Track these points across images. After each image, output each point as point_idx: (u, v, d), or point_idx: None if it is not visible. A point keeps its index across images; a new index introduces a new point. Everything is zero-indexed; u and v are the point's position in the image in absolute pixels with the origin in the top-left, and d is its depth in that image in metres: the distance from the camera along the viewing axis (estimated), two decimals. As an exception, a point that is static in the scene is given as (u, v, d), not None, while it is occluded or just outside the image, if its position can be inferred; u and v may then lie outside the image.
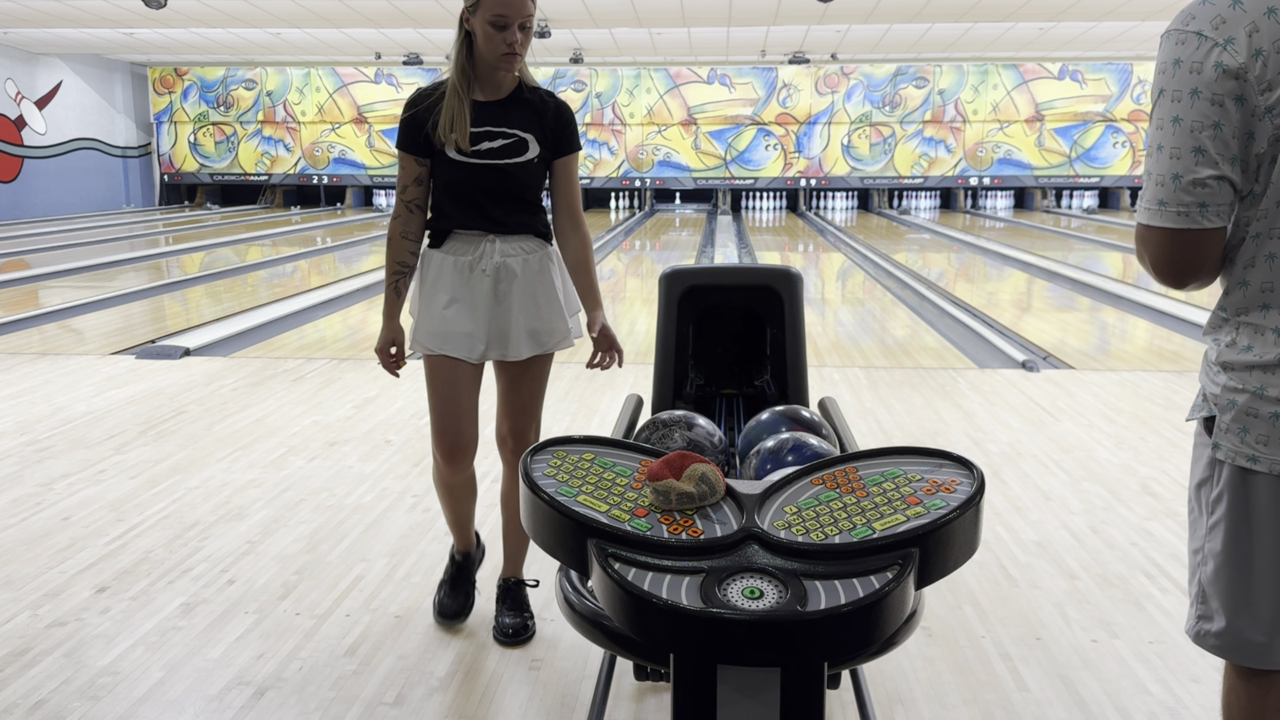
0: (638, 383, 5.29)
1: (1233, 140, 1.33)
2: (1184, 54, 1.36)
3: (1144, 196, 1.42)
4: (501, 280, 2.53)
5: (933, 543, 1.14)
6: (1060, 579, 3.04)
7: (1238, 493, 1.46)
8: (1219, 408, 1.47)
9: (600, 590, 1.14)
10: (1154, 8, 13.53)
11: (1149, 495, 3.76)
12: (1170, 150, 1.36)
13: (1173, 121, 1.36)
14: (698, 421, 2.01)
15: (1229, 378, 1.46)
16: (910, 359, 6.35)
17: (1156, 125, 1.40)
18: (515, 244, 2.55)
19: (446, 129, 2.47)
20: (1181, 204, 1.36)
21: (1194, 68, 1.34)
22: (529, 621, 2.69)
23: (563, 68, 20.68)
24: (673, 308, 2.77)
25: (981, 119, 20.87)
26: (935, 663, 2.56)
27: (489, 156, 2.49)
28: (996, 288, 10.10)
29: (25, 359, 6.25)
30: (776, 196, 21.54)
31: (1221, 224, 1.38)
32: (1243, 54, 1.31)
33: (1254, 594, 1.47)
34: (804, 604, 1.04)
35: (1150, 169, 1.40)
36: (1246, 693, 1.53)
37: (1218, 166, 1.34)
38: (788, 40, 17.12)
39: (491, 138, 2.50)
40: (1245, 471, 1.45)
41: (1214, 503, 1.49)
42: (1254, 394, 1.42)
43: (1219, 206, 1.36)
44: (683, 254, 13.23)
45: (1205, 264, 1.41)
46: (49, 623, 2.77)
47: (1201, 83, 1.33)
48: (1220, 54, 1.32)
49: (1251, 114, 1.32)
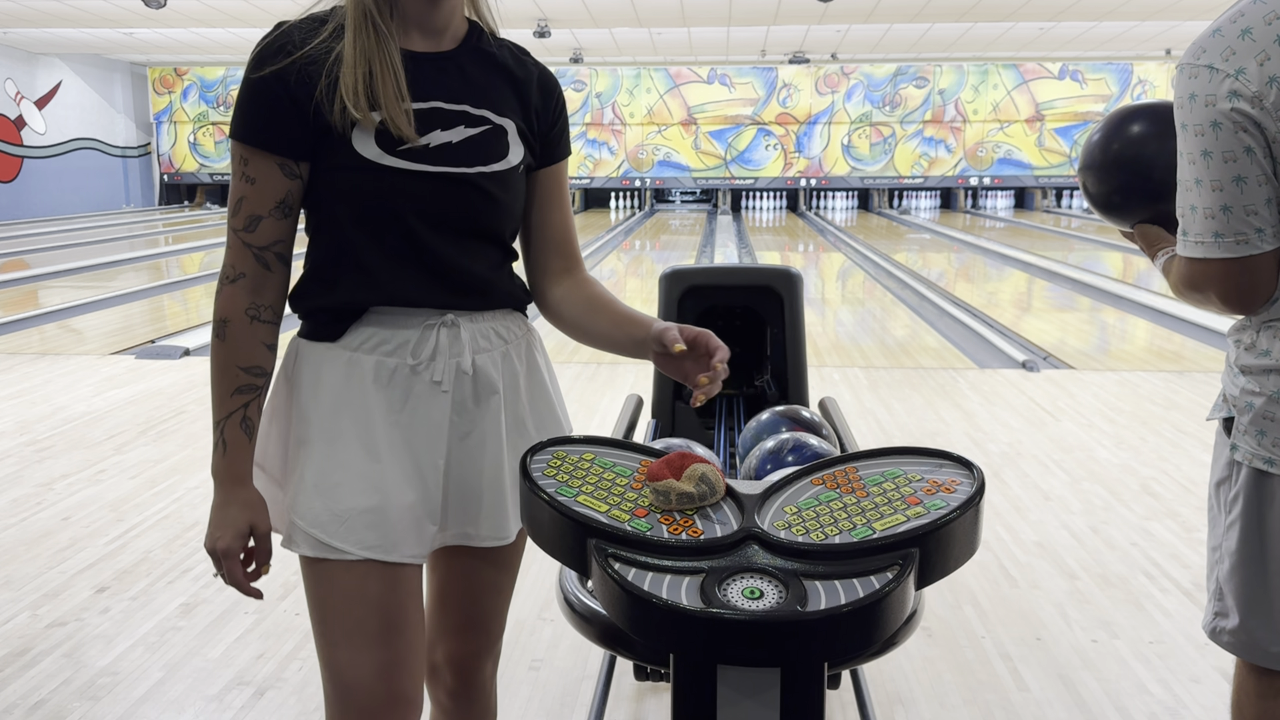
0: (638, 383, 5.29)
1: (1265, 161, 1.35)
2: (1198, 88, 1.37)
3: (1193, 230, 1.42)
4: (470, 399, 1.42)
5: (933, 543, 1.13)
6: (1060, 579, 3.04)
7: (1253, 494, 1.47)
8: (1238, 409, 1.49)
9: (600, 590, 1.13)
10: (1154, 8, 13.54)
11: (1149, 495, 3.76)
12: (1210, 183, 1.38)
13: (1203, 155, 1.38)
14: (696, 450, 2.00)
15: (1247, 380, 1.47)
16: (910, 359, 6.35)
17: (1188, 160, 1.41)
18: (490, 327, 1.44)
19: (362, 95, 1.31)
20: (1239, 232, 1.38)
21: (1209, 100, 1.36)
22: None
23: (563, 67, 20.68)
24: (673, 308, 2.77)
25: (982, 119, 20.87)
26: (935, 663, 2.56)
27: (447, 159, 1.36)
28: (996, 288, 10.10)
29: (25, 359, 6.25)
30: (776, 196, 21.53)
31: (1277, 243, 1.39)
32: (1255, 83, 1.33)
33: (1269, 595, 1.48)
34: (804, 604, 1.04)
35: (1194, 203, 1.41)
36: (1258, 692, 1.54)
37: (1261, 188, 1.36)
38: (788, 40, 17.12)
39: (446, 121, 1.37)
40: (1261, 474, 1.46)
41: (1231, 502, 1.51)
42: (1270, 398, 1.44)
43: (1273, 227, 1.38)
44: (683, 254, 13.22)
45: (1268, 283, 1.42)
46: (49, 623, 2.77)
47: (1220, 114, 1.35)
48: (1233, 84, 1.34)
49: (1272, 140, 1.34)
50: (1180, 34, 16.28)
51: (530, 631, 2.70)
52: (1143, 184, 1.59)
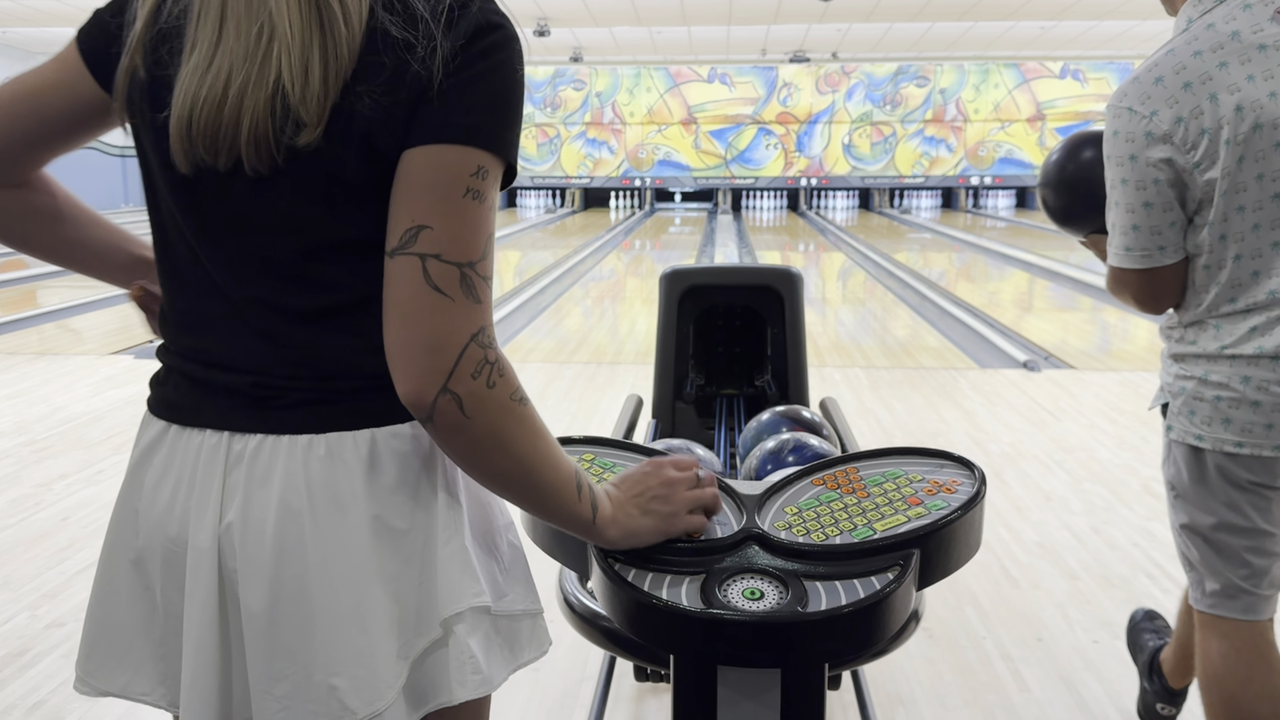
0: (638, 383, 5.28)
1: (1172, 190, 1.62)
2: (1120, 125, 1.64)
3: (1113, 244, 1.71)
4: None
5: (934, 543, 1.13)
6: (1061, 579, 3.04)
7: (1190, 468, 1.72)
8: (1171, 394, 1.74)
9: (600, 590, 1.13)
10: (1155, 7, 13.48)
11: (1150, 495, 3.76)
12: (1125, 205, 1.65)
13: (1121, 182, 1.65)
14: (697, 451, 2.00)
15: (1179, 368, 1.73)
16: (911, 359, 6.34)
17: (1110, 184, 1.68)
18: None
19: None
20: (1145, 248, 1.66)
21: (1129, 137, 1.62)
22: None
23: (562, 66, 20.68)
24: (673, 308, 2.77)
25: (983, 118, 20.87)
26: (936, 664, 2.55)
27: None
28: (998, 287, 10.10)
29: (24, 359, 6.24)
30: (777, 196, 21.53)
31: (1180, 258, 1.66)
32: (1166, 123, 1.59)
33: (1215, 554, 1.72)
34: (804, 605, 1.04)
35: (1114, 221, 1.69)
36: (1219, 651, 1.75)
37: (1166, 214, 1.63)
38: (788, 39, 17.12)
39: None
40: (1193, 449, 1.70)
41: (1173, 479, 1.77)
42: (1199, 380, 1.68)
43: (1174, 246, 1.65)
44: (683, 254, 13.22)
45: (1173, 291, 1.70)
46: (48, 623, 2.76)
47: (1137, 148, 1.62)
48: (1148, 124, 1.61)
49: (1181, 170, 1.60)
50: (1181, 33, 16.25)
51: (530, 632, 2.70)
52: (1093, 201, 1.80)
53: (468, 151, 0.94)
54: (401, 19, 0.94)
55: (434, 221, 0.93)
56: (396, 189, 0.95)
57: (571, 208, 21.42)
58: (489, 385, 0.95)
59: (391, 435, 1.01)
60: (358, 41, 0.93)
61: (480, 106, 0.95)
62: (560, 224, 18.14)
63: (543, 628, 1.16)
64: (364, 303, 0.98)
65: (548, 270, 10.99)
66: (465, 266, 0.93)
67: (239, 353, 1.01)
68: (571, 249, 13.38)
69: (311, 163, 0.95)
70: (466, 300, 0.94)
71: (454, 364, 0.93)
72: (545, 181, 21.58)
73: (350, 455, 0.99)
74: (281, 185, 0.96)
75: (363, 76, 0.94)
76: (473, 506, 1.09)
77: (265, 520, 0.98)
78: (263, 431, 1.00)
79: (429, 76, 0.93)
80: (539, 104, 21.24)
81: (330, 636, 0.98)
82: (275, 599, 0.98)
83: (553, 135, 21.40)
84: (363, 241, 0.97)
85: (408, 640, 1.02)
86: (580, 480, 1.06)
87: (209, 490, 1.01)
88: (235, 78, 0.94)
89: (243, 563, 0.99)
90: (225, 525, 0.99)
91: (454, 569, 1.04)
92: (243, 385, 1.01)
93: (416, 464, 1.02)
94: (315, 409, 1.00)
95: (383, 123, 0.94)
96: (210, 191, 0.98)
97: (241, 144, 0.95)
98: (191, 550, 1.01)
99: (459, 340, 0.93)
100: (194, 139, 0.95)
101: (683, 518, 1.13)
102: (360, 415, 1.00)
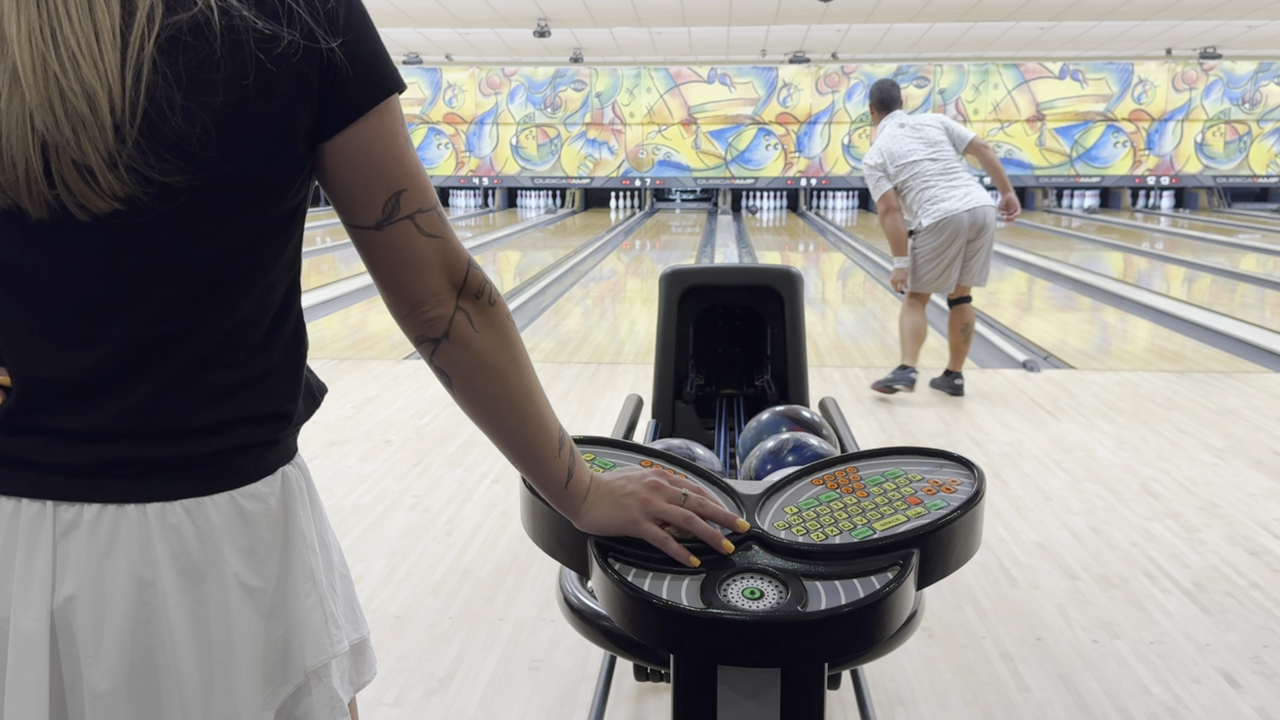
0: (638, 383, 5.29)
1: (890, 166, 5.11)
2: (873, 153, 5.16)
3: (873, 188, 5.15)
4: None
5: (933, 543, 1.13)
6: (1061, 579, 3.04)
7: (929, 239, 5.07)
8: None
9: (600, 590, 1.13)
10: (1154, 7, 13.54)
11: (1150, 495, 3.76)
12: (875, 181, 5.16)
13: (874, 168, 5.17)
14: (696, 451, 2.00)
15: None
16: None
17: (868, 169, 5.14)
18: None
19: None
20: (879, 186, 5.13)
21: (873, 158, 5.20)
22: None
23: (563, 67, 20.68)
24: (673, 308, 2.77)
25: (982, 118, 20.86)
26: (936, 663, 2.55)
27: None
28: (997, 287, 10.09)
29: None
30: (777, 196, 21.53)
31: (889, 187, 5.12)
32: (878, 156, 5.11)
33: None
34: (804, 604, 1.04)
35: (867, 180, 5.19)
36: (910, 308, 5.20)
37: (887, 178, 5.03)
38: (788, 40, 17.11)
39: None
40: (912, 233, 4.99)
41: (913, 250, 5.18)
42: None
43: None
44: (683, 254, 13.22)
45: (895, 205, 5.13)
46: (48, 623, 2.76)
47: (875, 165, 5.18)
48: (877, 156, 5.10)
49: (890, 177, 5.13)
50: (1181, 33, 16.28)
51: (530, 632, 2.70)
52: None
53: (388, 104, 0.96)
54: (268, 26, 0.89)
55: (404, 183, 0.97)
56: (349, 172, 0.95)
57: (571, 208, 21.41)
58: (490, 303, 1.03)
59: (251, 496, 0.97)
60: None
61: (371, 59, 0.94)
62: (560, 224, 18.14)
63: (371, 647, 1.15)
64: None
65: (548, 270, 11.00)
66: (436, 205, 1.00)
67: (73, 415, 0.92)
68: (571, 249, 13.37)
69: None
70: (450, 232, 1.01)
71: (462, 285, 1.01)
72: (545, 182, 21.58)
73: (208, 520, 0.94)
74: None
75: None
76: (323, 551, 1.06)
77: (114, 594, 0.91)
78: (100, 501, 0.91)
79: (325, 66, 0.91)
80: (539, 104, 21.24)
81: (192, 704, 0.93)
82: (129, 674, 0.91)
83: (553, 136, 21.40)
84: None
85: (273, 690, 0.99)
86: (564, 439, 1.10)
87: (32, 564, 0.91)
88: None
89: (88, 642, 0.91)
90: (64, 600, 0.90)
91: (317, 620, 1.01)
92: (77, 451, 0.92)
93: (272, 521, 0.98)
94: (167, 475, 0.93)
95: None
96: None
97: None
98: (15, 632, 0.91)
99: (461, 267, 1.01)
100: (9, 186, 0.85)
101: (646, 523, 1.13)
102: (220, 478, 0.95)
